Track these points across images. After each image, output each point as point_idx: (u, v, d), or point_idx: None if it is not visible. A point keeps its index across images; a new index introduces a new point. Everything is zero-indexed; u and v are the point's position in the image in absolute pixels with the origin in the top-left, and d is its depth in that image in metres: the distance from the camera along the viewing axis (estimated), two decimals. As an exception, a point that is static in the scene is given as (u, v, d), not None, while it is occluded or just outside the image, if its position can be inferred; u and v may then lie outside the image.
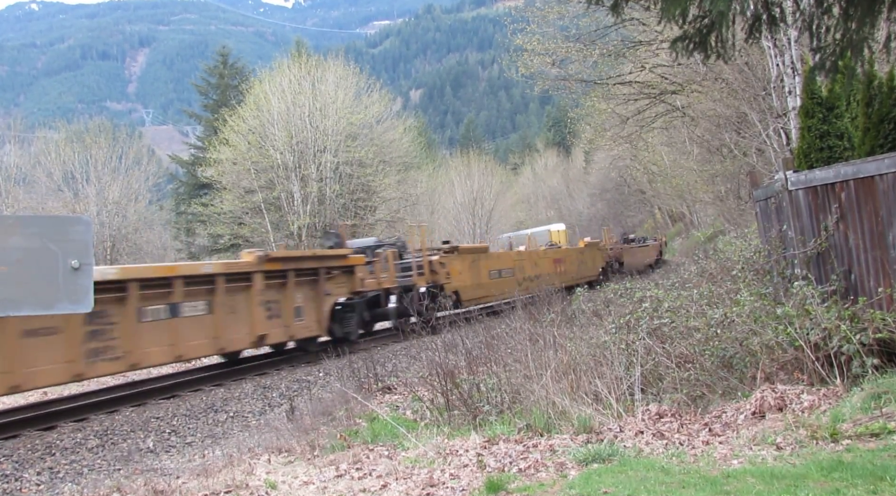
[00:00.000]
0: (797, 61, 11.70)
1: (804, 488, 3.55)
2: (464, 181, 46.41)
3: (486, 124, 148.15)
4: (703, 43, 5.33)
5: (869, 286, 6.35)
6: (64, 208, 29.61)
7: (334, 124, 31.03)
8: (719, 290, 8.29)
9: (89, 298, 2.10)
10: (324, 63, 32.79)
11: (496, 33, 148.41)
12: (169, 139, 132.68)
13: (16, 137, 35.39)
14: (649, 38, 18.46)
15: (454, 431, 5.90)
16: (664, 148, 34.15)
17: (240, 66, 46.10)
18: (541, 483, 4.17)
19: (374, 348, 13.40)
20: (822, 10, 5.47)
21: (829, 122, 8.68)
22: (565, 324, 9.01)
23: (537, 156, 74.66)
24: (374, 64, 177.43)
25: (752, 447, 4.41)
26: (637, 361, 6.02)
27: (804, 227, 7.07)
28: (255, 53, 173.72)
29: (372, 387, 8.98)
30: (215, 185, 32.98)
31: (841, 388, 5.11)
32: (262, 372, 12.10)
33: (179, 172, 46.67)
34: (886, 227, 6.20)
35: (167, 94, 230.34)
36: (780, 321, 5.79)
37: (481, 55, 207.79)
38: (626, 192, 55.78)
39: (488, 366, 7.44)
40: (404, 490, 4.39)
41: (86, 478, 6.72)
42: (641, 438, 4.86)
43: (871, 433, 4.30)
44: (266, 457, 5.98)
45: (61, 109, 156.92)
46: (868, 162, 6.46)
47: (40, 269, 2.03)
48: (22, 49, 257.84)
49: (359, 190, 33.17)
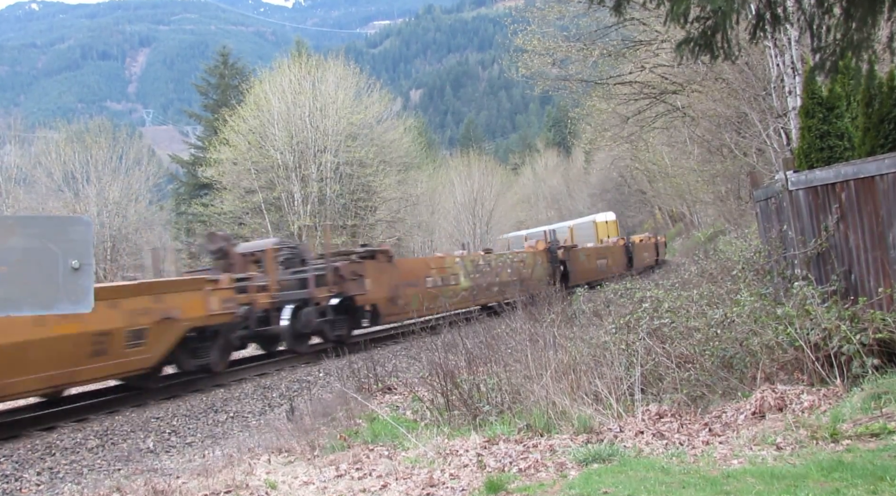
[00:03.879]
0: (797, 61, 11.70)
1: (804, 488, 3.55)
2: (464, 181, 46.41)
3: (486, 124, 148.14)
4: (709, 44, 5.32)
5: (869, 286, 6.35)
6: (64, 208, 29.61)
7: (334, 124, 31.04)
8: (719, 291, 8.29)
9: (89, 298, 2.10)
10: (324, 63, 32.80)
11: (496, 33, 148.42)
12: (169, 139, 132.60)
13: (16, 137, 35.39)
14: (650, 38, 18.46)
15: (454, 431, 5.90)
16: (664, 148, 34.15)
17: (240, 66, 46.09)
18: (541, 483, 4.17)
19: (374, 348, 13.38)
20: (823, 10, 5.46)
21: (830, 122, 8.68)
22: (565, 324, 9.02)
23: (537, 156, 74.66)
24: (374, 64, 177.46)
25: (752, 447, 4.41)
26: (637, 361, 6.02)
27: (804, 227, 7.07)
28: (255, 53, 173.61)
29: (372, 387, 8.98)
30: (215, 185, 32.99)
31: (841, 388, 5.10)
32: (262, 372, 12.10)
33: (179, 172, 46.67)
34: (886, 227, 6.20)
35: (167, 94, 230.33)
36: (781, 321, 5.79)
37: (481, 55, 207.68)
38: (627, 192, 55.80)
39: (488, 366, 7.44)
40: (404, 490, 4.39)
41: (86, 478, 6.72)
42: (641, 438, 4.86)
43: (871, 433, 4.30)
44: (266, 457, 5.97)
45: (61, 109, 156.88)
46: (868, 162, 6.46)
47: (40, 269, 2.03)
48: (22, 49, 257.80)
49: (359, 190, 33.19)
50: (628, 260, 31.08)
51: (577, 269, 24.73)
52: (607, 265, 27.51)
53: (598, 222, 41.94)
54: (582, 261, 25.67)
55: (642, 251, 34.57)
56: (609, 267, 27.29)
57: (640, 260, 33.03)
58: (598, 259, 27.51)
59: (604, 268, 26.89)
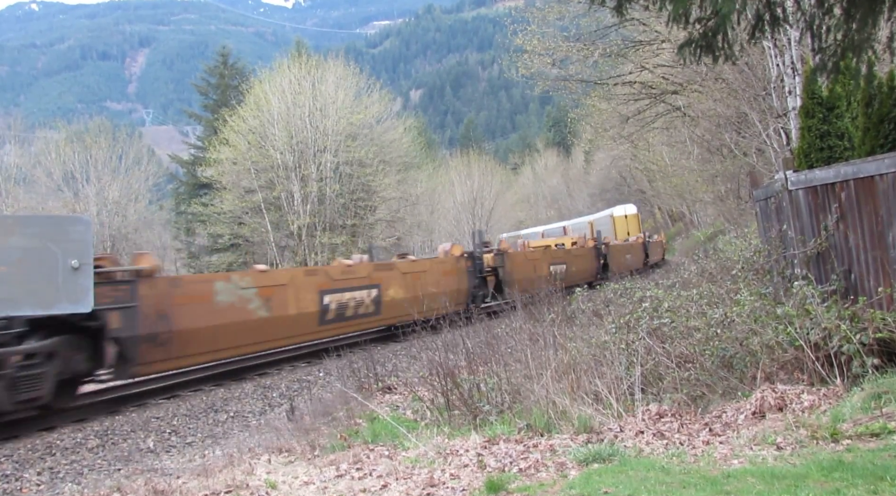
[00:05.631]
0: (797, 61, 11.71)
1: (804, 488, 3.55)
2: (464, 181, 46.48)
3: (486, 124, 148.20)
4: (710, 45, 5.32)
5: (869, 286, 6.35)
6: (64, 208, 29.63)
7: (334, 124, 31.06)
8: (719, 290, 8.29)
9: (89, 298, 2.10)
10: (324, 63, 32.83)
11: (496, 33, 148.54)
12: (169, 139, 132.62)
13: (16, 137, 35.44)
14: (650, 38, 18.47)
15: (454, 431, 5.90)
16: (664, 148, 34.14)
17: (240, 67, 46.13)
18: (541, 483, 4.17)
19: (374, 348, 13.37)
20: (823, 11, 5.46)
21: (830, 121, 8.69)
22: (565, 323, 9.01)
23: (537, 156, 74.70)
24: (374, 64, 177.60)
25: (753, 447, 4.41)
26: (637, 361, 6.02)
27: (804, 226, 7.07)
28: (255, 53, 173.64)
29: (372, 386, 8.97)
30: (215, 185, 33.01)
31: (841, 388, 5.11)
32: (262, 372, 12.10)
33: (179, 172, 46.70)
34: (886, 226, 6.20)
35: (167, 94, 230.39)
36: (781, 321, 5.79)
37: (481, 55, 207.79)
38: (627, 191, 55.81)
39: (488, 366, 7.44)
40: (405, 490, 4.39)
41: (86, 478, 6.72)
42: (642, 438, 4.86)
43: (871, 433, 4.30)
44: (266, 457, 5.97)
45: (61, 109, 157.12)
46: (868, 162, 6.46)
47: (40, 269, 2.03)
48: (22, 49, 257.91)
49: (359, 190, 33.20)
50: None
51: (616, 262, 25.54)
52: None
53: (617, 217, 38.54)
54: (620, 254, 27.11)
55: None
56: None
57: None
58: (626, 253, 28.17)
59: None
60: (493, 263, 17.80)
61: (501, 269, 17.76)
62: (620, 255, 27.22)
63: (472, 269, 17.07)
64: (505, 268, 17.85)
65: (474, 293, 17.09)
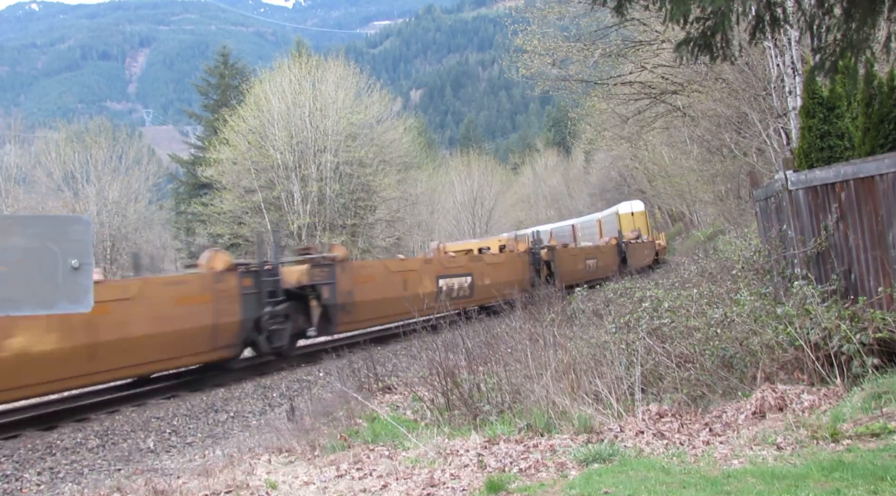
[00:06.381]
0: (797, 61, 11.71)
1: (805, 488, 3.55)
2: (464, 181, 46.49)
3: (486, 124, 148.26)
4: (708, 45, 5.33)
5: (869, 286, 6.35)
6: (64, 208, 29.63)
7: (334, 124, 31.06)
8: (719, 290, 8.29)
9: (89, 298, 2.10)
10: (324, 63, 32.83)
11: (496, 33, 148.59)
12: (169, 139, 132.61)
13: (16, 137, 35.40)
14: (650, 38, 18.47)
15: (454, 431, 5.89)
16: (664, 148, 34.16)
17: (240, 67, 46.13)
18: (541, 483, 4.17)
19: (374, 348, 13.37)
20: (823, 11, 5.46)
21: (830, 121, 8.69)
22: (565, 323, 9.01)
23: (537, 156, 74.67)
24: (374, 64, 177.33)
25: (753, 447, 4.41)
26: (637, 361, 6.01)
27: (804, 226, 7.07)
28: (256, 53, 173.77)
29: (372, 386, 8.97)
30: (215, 185, 33.01)
31: (841, 388, 5.11)
32: (262, 372, 12.09)
33: (179, 172, 46.69)
34: (886, 226, 6.20)
35: (167, 94, 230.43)
36: (781, 321, 5.79)
37: (481, 55, 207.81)
38: (627, 191, 55.74)
39: (488, 366, 7.43)
40: (405, 490, 4.39)
41: (86, 478, 6.72)
42: (642, 438, 4.86)
43: (871, 433, 4.30)
44: (266, 457, 5.97)
45: (61, 109, 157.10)
46: (868, 162, 6.46)
47: (40, 269, 2.02)
48: (22, 49, 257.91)
49: (359, 190, 33.21)
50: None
51: (634, 258, 28.81)
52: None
53: (622, 214, 37.61)
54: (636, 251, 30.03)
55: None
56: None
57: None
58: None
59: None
60: (547, 257, 21.96)
61: (552, 263, 21.99)
62: (639, 252, 31.14)
63: (531, 262, 21.24)
64: (555, 261, 22.20)
65: (533, 280, 20.73)
